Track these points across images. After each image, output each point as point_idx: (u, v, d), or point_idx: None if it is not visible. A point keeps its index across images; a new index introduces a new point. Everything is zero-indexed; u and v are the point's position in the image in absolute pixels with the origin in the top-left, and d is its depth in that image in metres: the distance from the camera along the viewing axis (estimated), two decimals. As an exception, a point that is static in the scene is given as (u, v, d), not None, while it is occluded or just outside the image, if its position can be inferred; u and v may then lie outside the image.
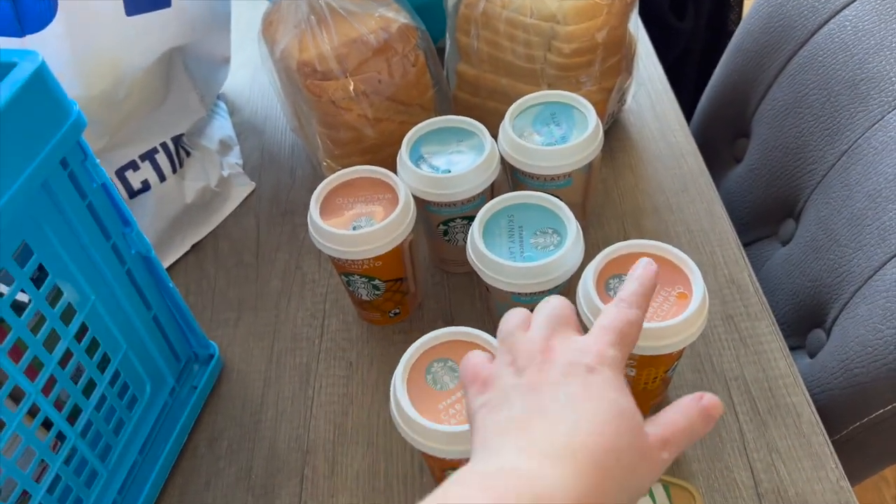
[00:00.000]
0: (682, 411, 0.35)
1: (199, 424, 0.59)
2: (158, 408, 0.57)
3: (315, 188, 0.58)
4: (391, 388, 0.46)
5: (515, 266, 0.51)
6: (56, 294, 0.46)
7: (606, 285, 0.50)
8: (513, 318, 0.38)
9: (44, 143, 0.41)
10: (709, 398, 0.35)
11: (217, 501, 0.55)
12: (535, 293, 0.52)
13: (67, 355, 0.47)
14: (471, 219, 0.61)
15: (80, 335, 0.48)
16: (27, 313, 0.43)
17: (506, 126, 0.61)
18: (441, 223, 0.62)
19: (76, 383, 0.48)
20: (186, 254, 0.72)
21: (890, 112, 0.61)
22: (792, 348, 0.67)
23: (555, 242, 0.53)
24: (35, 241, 0.43)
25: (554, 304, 0.38)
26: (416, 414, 0.44)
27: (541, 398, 0.33)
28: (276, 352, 0.64)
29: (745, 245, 0.78)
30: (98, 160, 0.64)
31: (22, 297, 0.44)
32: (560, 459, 0.29)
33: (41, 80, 0.40)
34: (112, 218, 0.49)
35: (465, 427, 0.42)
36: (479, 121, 0.62)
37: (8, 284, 0.43)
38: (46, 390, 0.45)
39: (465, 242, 0.55)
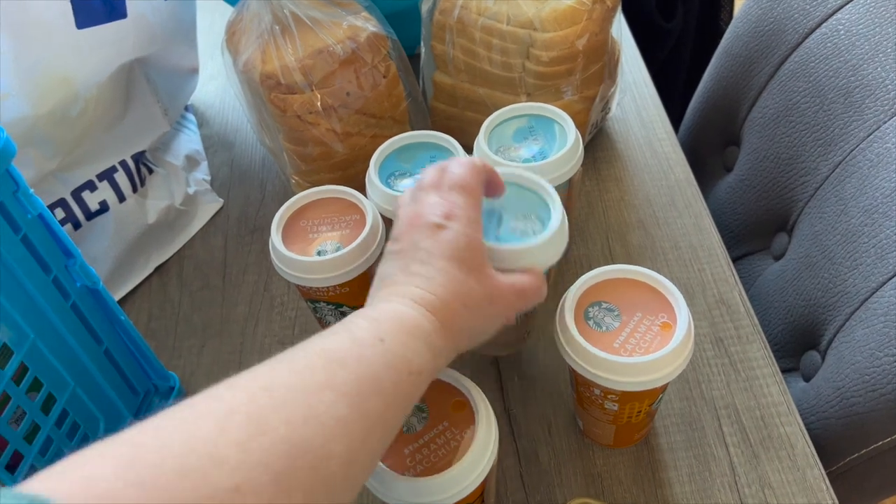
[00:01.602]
0: (525, 277, 0.42)
1: (158, 461, 0.56)
2: (114, 445, 0.54)
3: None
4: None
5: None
6: (-11, 335, 0.42)
7: (585, 314, 0.46)
8: (406, 193, 0.44)
9: (-34, 174, 0.38)
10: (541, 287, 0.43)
11: (176, 546, 0.52)
12: None
13: (5, 399, 0.43)
14: (444, 240, 0.58)
15: (18, 377, 0.44)
16: (-46, 359, 0.39)
17: (480, 142, 0.57)
18: (413, 244, 0.58)
19: (17, 428, 0.45)
20: (149, 276, 0.69)
21: (886, 122, 0.57)
22: (785, 370, 0.64)
23: (535, 230, 0.46)
24: (-39, 280, 0.39)
25: (427, 174, 0.43)
26: (380, 465, 0.40)
27: (407, 259, 0.40)
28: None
29: (735, 259, 0.75)
30: (50, 181, 0.61)
31: (-50, 340, 0.41)
32: (417, 306, 0.37)
33: (-41, 107, 0.37)
34: (52, 250, 0.45)
35: (433, 479, 0.39)
36: (458, 131, 0.59)
37: (-68, 327, 0.40)
38: (-18, 438, 0.42)
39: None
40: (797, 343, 0.63)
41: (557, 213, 0.45)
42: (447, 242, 0.39)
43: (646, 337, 0.45)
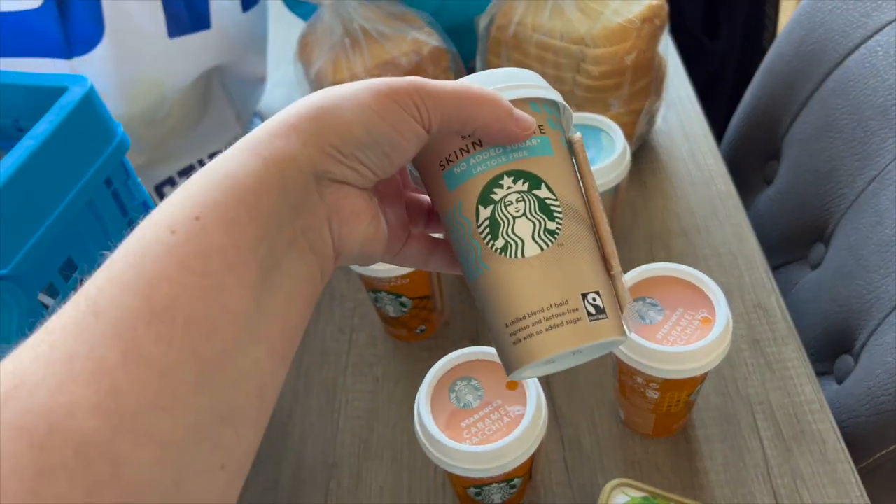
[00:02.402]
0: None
1: (229, 435, 0.61)
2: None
3: (346, 205, 0.60)
4: (415, 405, 0.47)
5: None
6: (97, 307, 0.47)
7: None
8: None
9: (90, 163, 0.43)
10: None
11: (245, 511, 0.56)
12: None
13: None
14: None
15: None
16: (69, 325, 0.45)
17: (534, 148, 0.61)
18: (468, 242, 0.63)
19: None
20: (221, 267, 0.74)
21: (922, 138, 0.60)
22: (820, 374, 0.67)
23: None
24: (79, 256, 0.45)
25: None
26: (438, 432, 0.45)
27: None
28: (304, 366, 0.65)
29: (774, 268, 0.78)
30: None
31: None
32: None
33: (90, 104, 0.42)
34: (151, 234, 0.50)
35: (488, 447, 0.43)
36: (509, 142, 0.63)
37: (53, 297, 0.45)
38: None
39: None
40: (831, 348, 0.66)
41: None
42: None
43: (687, 330, 0.48)
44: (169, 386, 0.21)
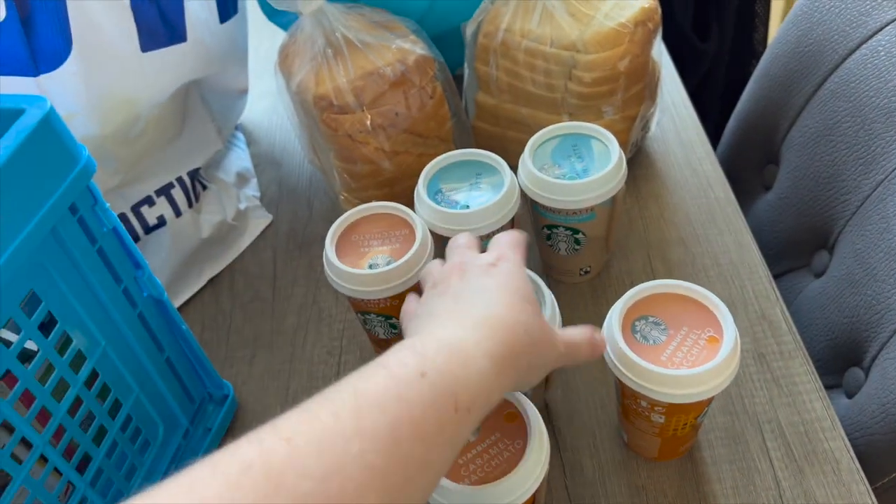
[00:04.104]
0: (579, 331, 0.43)
1: (213, 467, 0.58)
2: (172, 450, 0.56)
3: (333, 220, 0.57)
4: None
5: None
6: (65, 341, 0.45)
7: (632, 327, 0.48)
8: (431, 264, 0.46)
9: (52, 189, 0.40)
10: (599, 336, 0.44)
11: (230, 549, 0.53)
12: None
13: (77, 403, 0.46)
14: (490, 255, 0.60)
15: (90, 382, 0.47)
16: (35, 363, 0.42)
17: (525, 159, 0.59)
18: (460, 259, 0.60)
19: (86, 431, 0.47)
20: (202, 289, 0.71)
21: (928, 141, 0.58)
22: (828, 387, 0.64)
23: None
24: (43, 288, 0.42)
25: (461, 239, 0.47)
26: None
27: (457, 294, 0.40)
28: (291, 390, 0.62)
29: (776, 276, 0.76)
30: (112, 197, 0.64)
31: (30, 346, 0.43)
32: (477, 327, 0.36)
33: (49, 127, 0.39)
34: (123, 262, 0.48)
35: (487, 488, 0.40)
36: (500, 150, 0.61)
37: (16, 333, 0.42)
38: (56, 439, 0.44)
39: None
40: (840, 360, 0.63)
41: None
42: (504, 275, 0.39)
43: (692, 350, 0.46)
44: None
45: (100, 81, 0.59)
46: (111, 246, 0.46)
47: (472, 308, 0.37)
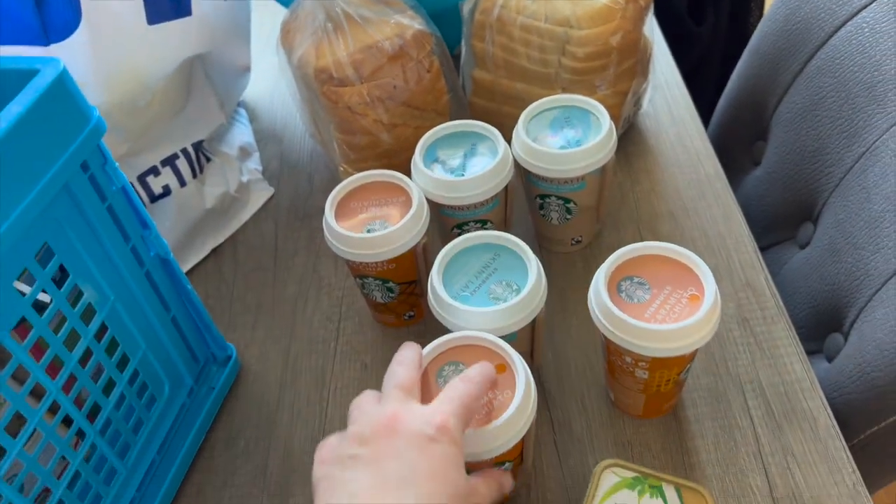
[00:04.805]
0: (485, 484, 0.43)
1: (216, 425, 0.60)
2: (177, 408, 0.58)
3: (333, 194, 0.59)
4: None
5: (449, 303, 0.50)
6: (76, 294, 0.47)
7: (618, 287, 0.50)
8: (364, 396, 0.43)
9: (65, 146, 0.42)
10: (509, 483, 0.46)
11: (233, 500, 0.56)
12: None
13: (87, 354, 0.48)
14: (484, 222, 0.62)
15: (99, 335, 0.49)
16: (48, 313, 0.44)
17: (519, 130, 0.61)
18: (455, 226, 0.62)
19: (96, 382, 0.49)
20: (205, 258, 0.73)
21: (908, 114, 0.60)
22: (810, 353, 0.67)
23: (506, 299, 0.50)
24: (56, 242, 0.44)
25: (400, 374, 0.43)
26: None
27: (385, 471, 0.37)
28: (292, 354, 0.65)
29: (763, 249, 0.78)
30: (119, 165, 0.66)
31: (43, 297, 0.45)
32: None
33: (62, 87, 0.42)
34: (131, 220, 0.50)
35: (477, 432, 0.43)
36: (496, 125, 0.63)
37: (30, 284, 0.44)
38: (67, 388, 0.47)
39: (478, 245, 0.55)
40: (821, 326, 0.65)
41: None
42: (439, 459, 0.37)
43: (675, 308, 0.48)
44: None
45: (107, 52, 0.61)
46: (120, 204, 0.48)
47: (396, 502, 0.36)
